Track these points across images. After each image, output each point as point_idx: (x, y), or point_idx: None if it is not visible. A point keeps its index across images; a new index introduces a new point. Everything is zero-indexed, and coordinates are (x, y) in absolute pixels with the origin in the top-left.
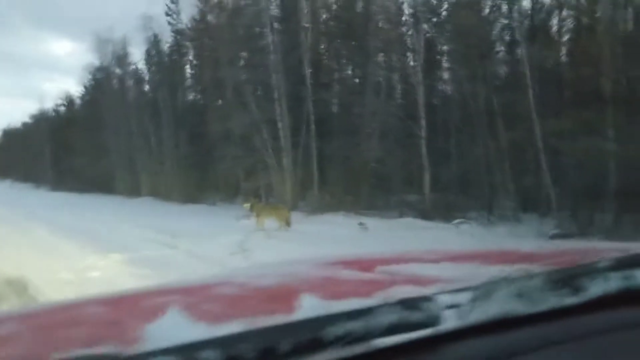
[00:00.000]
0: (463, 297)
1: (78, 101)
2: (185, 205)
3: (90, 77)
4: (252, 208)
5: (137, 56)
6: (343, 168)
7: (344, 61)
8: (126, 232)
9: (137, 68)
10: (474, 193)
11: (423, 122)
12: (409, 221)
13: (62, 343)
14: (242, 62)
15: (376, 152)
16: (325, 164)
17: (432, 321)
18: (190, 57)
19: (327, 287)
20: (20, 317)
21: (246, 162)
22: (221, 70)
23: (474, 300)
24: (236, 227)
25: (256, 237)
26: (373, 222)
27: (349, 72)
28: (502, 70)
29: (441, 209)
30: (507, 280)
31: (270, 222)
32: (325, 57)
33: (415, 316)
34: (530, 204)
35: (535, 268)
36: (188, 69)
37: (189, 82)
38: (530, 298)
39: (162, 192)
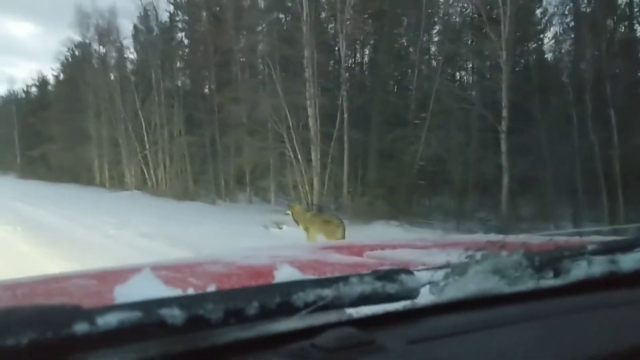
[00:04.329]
0: (440, 274)
1: (52, 82)
2: (182, 203)
3: (68, 54)
4: (296, 216)
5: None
6: (383, 167)
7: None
8: (129, 243)
9: (121, 44)
10: (562, 199)
11: (505, 112)
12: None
13: None
14: (260, 35)
15: (430, 147)
16: (361, 160)
17: (408, 294)
18: (187, 29)
19: (312, 267)
20: (10, 286)
21: (267, 155)
22: (232, 43)
23: (448, 276)
24: (270, 238)
25: None
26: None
27: (395, 45)
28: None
29: (519, 221)
30: (482, 257)
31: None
32: (364, 30)
33: (390, 287)
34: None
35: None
36: (186, 44)
37: (187, 59)
38: (507, 276)
39: (150, 186)
